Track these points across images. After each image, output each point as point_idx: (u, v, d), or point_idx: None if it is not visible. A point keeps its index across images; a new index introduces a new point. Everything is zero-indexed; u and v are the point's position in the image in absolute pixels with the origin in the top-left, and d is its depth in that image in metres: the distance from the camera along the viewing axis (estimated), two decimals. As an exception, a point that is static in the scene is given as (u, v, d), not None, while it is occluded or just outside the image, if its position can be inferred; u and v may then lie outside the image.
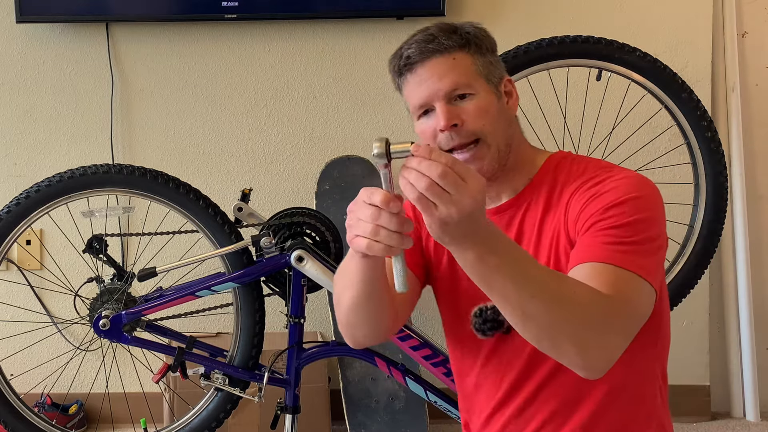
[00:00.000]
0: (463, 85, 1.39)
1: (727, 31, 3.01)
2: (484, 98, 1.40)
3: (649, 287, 1.27)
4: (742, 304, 3.01)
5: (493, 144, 1.40)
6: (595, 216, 1.31)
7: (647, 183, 1.37)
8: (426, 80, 1.39)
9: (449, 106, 1.38)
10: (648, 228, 1.30)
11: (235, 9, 2.88)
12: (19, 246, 2.85)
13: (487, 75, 1.41)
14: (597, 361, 1.21)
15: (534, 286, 1.15)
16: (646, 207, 1.32)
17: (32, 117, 3.02)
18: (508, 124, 1.44)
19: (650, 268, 1.28)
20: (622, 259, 1.26)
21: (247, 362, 2.24)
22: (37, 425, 2.24)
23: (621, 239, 1.28)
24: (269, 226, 2.19)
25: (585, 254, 1.29)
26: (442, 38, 1.39)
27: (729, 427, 2.97)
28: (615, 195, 1.32)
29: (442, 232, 1.09)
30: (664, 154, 2.71)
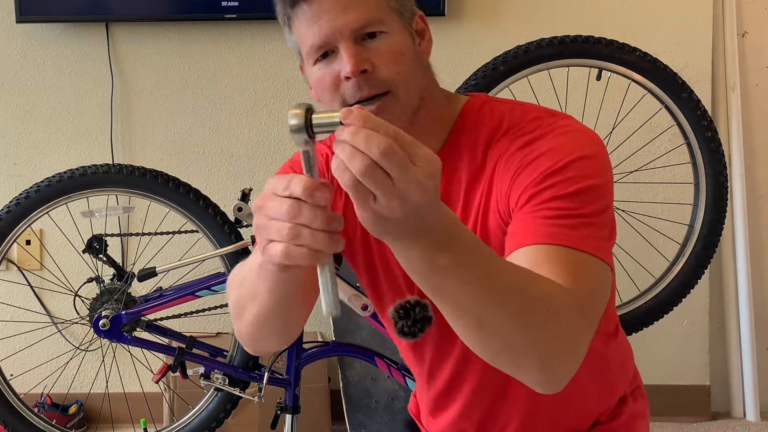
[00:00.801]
0: (374, 21, 1.11)
1: (727, 31, 3.01)
2: (399, 38, 1.13)
3: (607, 269, 1.05)
4: (742, 304, 3.01)
5: (404, 95, 1.12)
6: (532, 187, 1.06)
7: (591, 138, 1.12)
8: (326, 13, 1.11)
9: (357, 47, 1.11)
10: (598, 197, 1.07)
11: (235, 9, 2.88)
12: (19, 246, 2.85)
13: (400, 9, 1.14)
14: (561, 375, 0.99)
15: (496, 293, 0.90)
16: (593, 171, 1.07)
17: (32, 117, 3.02)
18: (423, 72, 1.18)
19: (606, 246, 1.06)
20: (574, 237, 1.02)
21: (247, 362, 2.24)
22: (37, 425, 2.24)
23: (568, 212, 1.03)
24: (269, 226, 2.19)
25: (527, 235, 1.03)
26: None
27: (729, 427, 2.97)
28: (554, 158, 1.07)
29: (379, 228, 0.83)
30: (664, 154, 2.71)
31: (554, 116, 1.16)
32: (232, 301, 1.13)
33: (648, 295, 2.31)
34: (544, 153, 1.08)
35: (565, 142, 1.09)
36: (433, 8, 2.89)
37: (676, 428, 2.90)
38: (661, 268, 2.35)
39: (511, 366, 0.97)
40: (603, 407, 1.31)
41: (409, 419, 1.47)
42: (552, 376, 0.98)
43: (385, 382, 2.71)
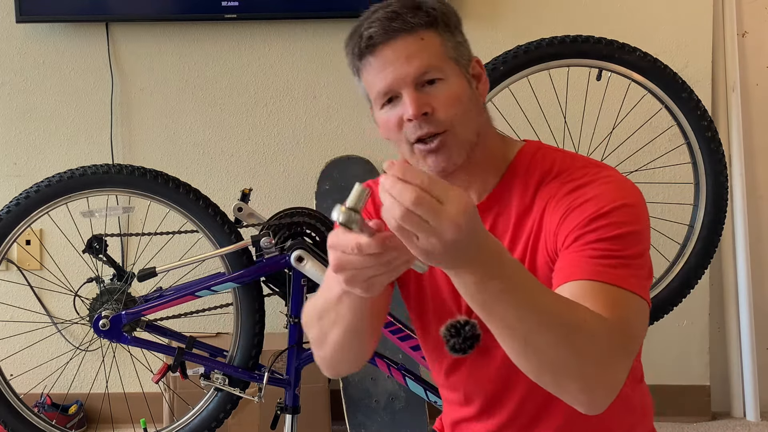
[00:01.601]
0: (433, 68, 1.23)
1: (727, 31, 3.01)
2: (456, 84, 1.25)
3: (645, 305, 1.16)
4: (742, 304, 3.01)
5: (461, 133, 1.25)
6: (579, 229, 1.18)
7: (632, 189, 1.24)
8: (391, 63, 1.23)
9: (418, 93, 1.23)
10: (637, 242, 1.18)
11: (235, 9, 2.88)
12: (19, 246, 2.85)
13: (457, 57, 1.26)
14: (601, 398, 1.09)
15: (541, 314, 1.01)
16: (634, 218, 1.19)
17: (32, 117, 3.02)
18: (478, 112, 1.29)
19: (644, 284, 1.17)
20: (615, 275, 1.13)
21: (247, 362, 2.24)
22: (37, 425, 2.24)
23: (611, 253, 1.15)
24: (269, 226, 2.19)
25: (572, 271, 1.14)
26: (408, 15, 1.22)
27: (729, 427, 2.97)
28: (599, 204, 1.18)
29: (428, 260, 0.96)
30: (664, 154, 2.71)
31: (599, 167, 1.28)
32: (315, 334, 1.29)
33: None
34: (591, 199, 1.20)
35: (609, 190, 1.21)
36: (433, 8, 2.89)
37: (676, 428, 2.90)
38: (661, 268, 2.35)
39: (555, 385, 1.07)
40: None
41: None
42: (593, 398, 1.08)
43: (385, 382, 2.71)
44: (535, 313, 1.01)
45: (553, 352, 1.03)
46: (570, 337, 1.02)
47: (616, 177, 1.26)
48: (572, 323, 1.03)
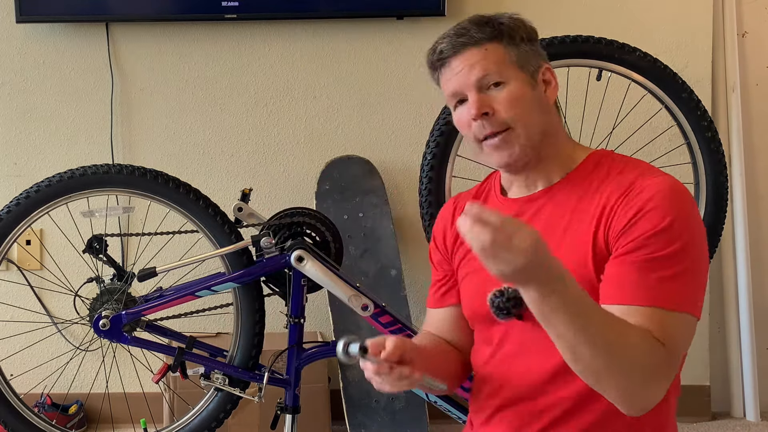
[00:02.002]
0: (493, 72, 1.40)
1: (727, 31, 3.01)
2: (516, 87, 1.41)
3: (693, 320, 1.29)
4: (742, 304, 3.01)
5: (523, 132, 1.40)
6: (639, 241, 1.29)
7: (683, 196, 1.34)
8: (458, 71, 1.42)
9: (480, 95, 1.40)
10: (689, 253, 1.29)
11: (235, 9, 2.88)
12: (19, 246, 2.85)
13: (521, 64, 1.42)
14: (640, 406, 1.25)
15: (589, 332, 1.18)
16: (685, 230, 1.30)
17: (32, 117, 3.02)
18: (543, 113, 1.44)
19: (694, 298, 1.29)
20: (668, 299, 1.26)
21: (247, 362, 2.24)
22: (37, 425, 2.24)
23: (664, 273, 1.27)
24: (269, 227, 2.19)
25: (626, 293, 1.27)
26: (473, 31, 1.41)
27: (729, 427, 2.97)
28: (657, 218, 1.29)
29: (505, 279, 1.16)
30: (664, 154, 2.71)
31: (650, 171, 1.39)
32: None
33: (648, 295, 2.31)
34: (651, 210, 1.30)
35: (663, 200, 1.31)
36: (433, 8, 2.90)
37: (676, 428, 2.90)
38: (661, 268, 2.35)
39: (595, 386, 1.24)
40: None
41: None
42: (631, 405, 1.25)
43: (385, 382, 2.71)
44: (584, 329, 1.18)
45: (596, 363, 1.20)
46: (612, 355, 1.19)
47: (668, 185, 1.34)
48: (617, 343, 1.20)
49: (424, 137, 2.41)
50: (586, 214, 1.38)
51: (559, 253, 1.24)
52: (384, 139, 3.03)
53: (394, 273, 2.84)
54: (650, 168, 1.42)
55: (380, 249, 2.86)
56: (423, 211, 2.35)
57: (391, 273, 2.84)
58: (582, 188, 1.41)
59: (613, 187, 1.37)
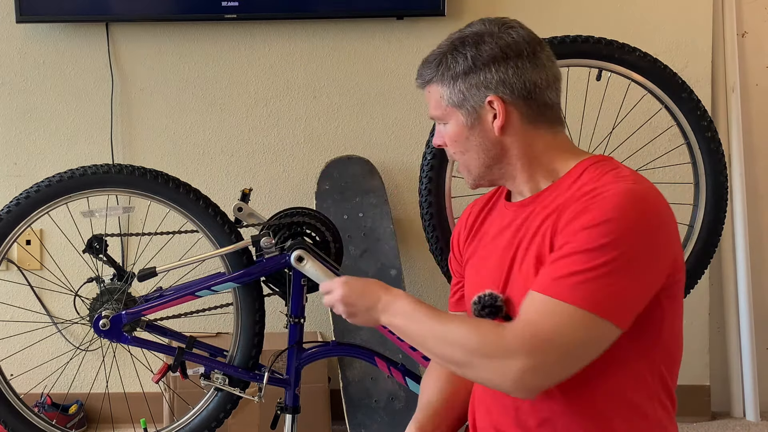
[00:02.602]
0: (436, 117, 1.51)
1: (727, 31, 3.01)
2: (453, 128, 1.49)
3: (589, 317, 1.27)
4: (742, 304, 3.01)
5: (465, 168, 1.52)
6: (567, 236, 1.33)
7: (636, 202, 1.32)
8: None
9: (438, 127, 1.53)
10: (609, 252, 1.28)
11: (235, 9, 2.88)
12: (19, 246, 2.85)
13: (459, 103, 1.47)
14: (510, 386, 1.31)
15: (423, 334, 1.41)
16: (621, 231, 1.29)
17: (32, 117, 3.02)
18: (484, 149, 1.48)
19: (596, 296, 1.28)
20: (584, 301, 1.28)
21: (247, 362, 2.24)
22: (37, 425, 2.24)
23: (572, 268, 1.29)
24: (269, 226, 2.19)
25: (536, 281, 1.33)
26: (422, 70, 1.51)
27: (729, 427, 2.97)
28: (591, 216, 1.31)
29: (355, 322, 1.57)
30: (664, 154, 2.72)
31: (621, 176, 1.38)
32: None
33: (648, 295, 2.31)
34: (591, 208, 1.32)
35: (610, 202, 1.32)
36: (433, 8, 2.90)
37: (676, 428, 2.90)
38: (661, 268, 2.35)
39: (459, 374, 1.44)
40: None
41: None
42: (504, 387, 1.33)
43: (385, 382, 2.71)
44: (420, 334, 1.42)
45: (441, 353, 1.39)
46: (446, 345, 1.37)
47: (625, 190, 1.33)
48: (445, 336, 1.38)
49: (424, 137, 2.41)
50: (548, 222, 1.40)
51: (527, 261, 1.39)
52: (384, 139, 3.03)
53: (393, 273, 2.84)
54: (629, 175, 1.39)
55: (380, 249, 2.86)
56: (423, 211, 2.35)
57: (390, 273, 2.84)
58: (567, 197, 1.41)
59: (574, 192, 1.39)
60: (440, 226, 2.34)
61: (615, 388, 1.38)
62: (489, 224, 1.57)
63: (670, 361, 1.44)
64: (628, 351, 1.35)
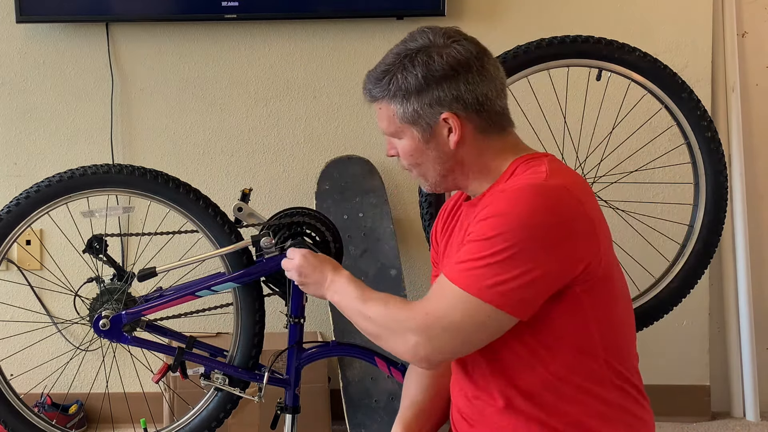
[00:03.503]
0: (388, 132, 1.56)
1: (727, 31, 3.01)
2: (407, 143, 1.54)
3: (473, 301, 1.39)
4: (742, 304, 3.01)
5: (422, 178, 1.57)
6: (471, 227, 1.45)
7: (531, 195, 1.40)
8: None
9: (389, 139, 1.58)
10: (499, 243, 1.37)
11: (235, 9, 2.89)
12: (19, 246, 2.85)
13: (413, 120, 1.50)
14: (409, 358, 1.48)
15: (351, 310, 1.59)
16: (510, 222, 1.38)
17: (32, 117, 3.02)
18: (440, 161, 1.53)
19: (484, 283, 1.38)
20: (452, 272, 1.42)
21: (247, 362, 2.24)
22: (37, 425, 2.24)
23: (467, 256, 1.41)
24: (269, 226, 2.18)
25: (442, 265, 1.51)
26: (370, 86, 1.55)
27: (729, 427, 2.97)
28: (491, 209, 1.41)
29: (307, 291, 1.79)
30: (664, 154, 2.71)
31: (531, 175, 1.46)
32: None
33: (648, 295, 2.31)
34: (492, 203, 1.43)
35: (505, 198, 1.42)
36: (433, 8, 2.90)
37: (676, 428, 2.90)
38: (661, 268, 2.35)
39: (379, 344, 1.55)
40: None
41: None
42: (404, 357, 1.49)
43: (385, 382, 2.71)
44: (349, 309, 1.60)
45: (362, 327, 1.56)
46: (365, 320, 1.55)
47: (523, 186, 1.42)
48: (362, 311, 1.55)
49: (424, 137, 2.41)
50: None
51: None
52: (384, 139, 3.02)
53: (393, 273, 2.84)
54: (544, 172, 1.45)
55: (380, 249, 2.86)
56: (423, 211, 2.35)
57: (390, 273, 2.84)
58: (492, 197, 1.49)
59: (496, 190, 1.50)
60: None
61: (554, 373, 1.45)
62: (458, 221, 1.66)
63: (615, 351, 1.49)
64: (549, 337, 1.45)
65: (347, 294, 1.62)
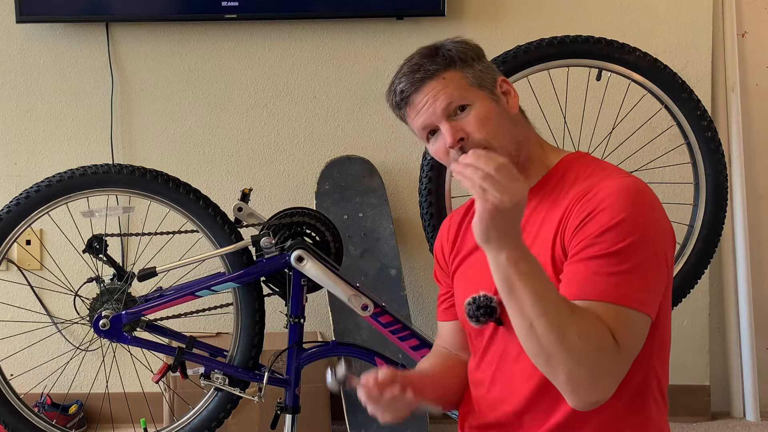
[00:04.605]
0: (457, 98, 1.44)
1: (727, 31, 3.01)
2: (482, 106, 1.44)
3: (645, 319, 1.31)
4: (742, 304, 3.01)
5: (500, 148, 1.42)
6: (589, 239, 1.33)
7: (638, 195, 1.35)
8: (423, 105, 1.46)
9: (451, 122, 1.44)
10: (639, 250, 1.31)
11: (235, 9, 2.88)
12: (19, 246, 2.85)
13: (480, 83, 1.46)
14: (587, 399, 1.27)
15: (548, 304, 1.23)
16: (636, 227, 1.31)
17: (32, 117, 3.02)
18: (513, 123, 1.47)
19: (645, 296, 1.30)
20: (618, 294, 1.28)
21: (247, 362, 2.24)
22: (37, 425, 2.24)
23: (613, 269, 1.29)
24: (269, 226, 2.19)
25: (576, 289, 1.30)
26: (427, 64, 1.45)
27: (729, 427, 2.97)
28: (608, 216, 1.32)
29: (491, 220, 1.20)
30: (664, 154, 2.71)
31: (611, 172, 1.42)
32: None
33: (648, 295, 2.31)
34: (603, 210, 1.33)
35: (616, 201, 1.33)
36: (433, 8, 2.90)
37: (676, 428, 2.90)
38: (661, 268, 2.35)
39: (548, 371, 1.26)
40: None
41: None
42: (577, 394, 1.26)
43: (385, 382, 2.71)
44: (543, 301, 1.23)
45: (549, 340, 1.22)
46: (565, 333, 1.22)
47: (624, 185, 1.36)
48: (572, 322, 1.23)
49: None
50: (553, 220, 1.41)
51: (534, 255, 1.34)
52: (384, 139, 3.03)
53: (393, 273, 2.84)
54: (617, 171, 1.44)
55: (380, 249, 2.86)
56: (423, 211, 2.36)
57: (390, 273, 2.84)
58: (554, 194, 1.44)
59: (576, 191, 1.40)
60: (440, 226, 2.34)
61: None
62: (471, 233, 1.50)
63: (662, 354, 1.47)
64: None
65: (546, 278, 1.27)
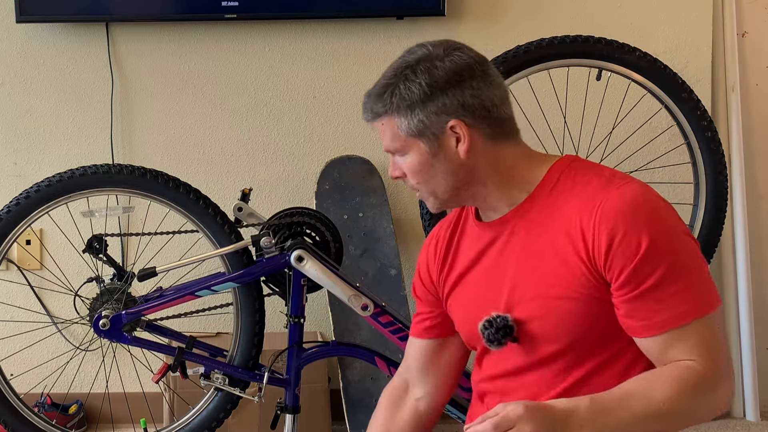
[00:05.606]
0: (393, 148, 1.47)
1: (727, 31, 3.01)
2: (414, 158, 1.45)
3: (716, 314, 1.35)
4: (742, 305, 3.01)
5: (431, 196, 1.47)
6: (625, 277, 1.33)
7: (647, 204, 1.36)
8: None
9: (393, 159, 1.49)
10: (678, 263, 1.34)
11: (235, 9, 2.88)
12: (19, 246, 2.85)
13: (419, 131, 1.43)
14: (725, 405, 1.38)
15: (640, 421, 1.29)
16: (663, 242, 1.33)
17: (32, 117, 3.02)
18: (450, 173, 1.45)
19: (706, 293, 1.35)
20: (682, 315, 1.32)
21: (247, 362, 2.25)
22: (37, 425, 2.24)
23: (670, 293, 1.32)
24: (269, 226, 2.19)
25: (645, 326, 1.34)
26: (370, 104, 1.48)
27: (729, 427, 2.97)
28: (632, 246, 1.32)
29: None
30: (664, 154, 2.72)
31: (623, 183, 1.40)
32: None
33: (648, 295, 2.31)
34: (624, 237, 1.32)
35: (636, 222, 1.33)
36: (433, 8, 2.90)
37: (676, 428, 2.90)
38: (661, 268, 2.35)
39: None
40: None
41: None
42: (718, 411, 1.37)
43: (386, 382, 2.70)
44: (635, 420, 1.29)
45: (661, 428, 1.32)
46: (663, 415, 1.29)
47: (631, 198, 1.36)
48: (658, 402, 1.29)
49: (424, 137, 2.40)
50: (560, 230, 1.39)
51: (545, 268, 1.38)
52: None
53: (393, 273, 2.84)
54: (613, 175, 1.42)
55: (380, 249, 2.86)
56: (423, 211, 2.36)
57: (390, 273, 2.84)
58: (550, 204, 1.42)
59: (581, 202, 1.38)
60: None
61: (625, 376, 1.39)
62: (463, 249, 1.55)
63: None
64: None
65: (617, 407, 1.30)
